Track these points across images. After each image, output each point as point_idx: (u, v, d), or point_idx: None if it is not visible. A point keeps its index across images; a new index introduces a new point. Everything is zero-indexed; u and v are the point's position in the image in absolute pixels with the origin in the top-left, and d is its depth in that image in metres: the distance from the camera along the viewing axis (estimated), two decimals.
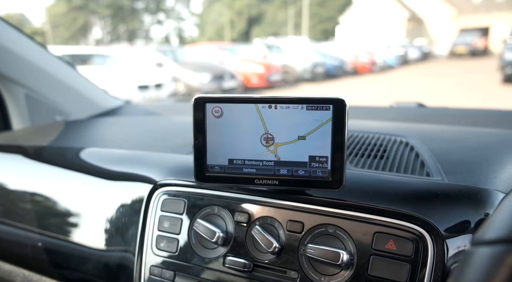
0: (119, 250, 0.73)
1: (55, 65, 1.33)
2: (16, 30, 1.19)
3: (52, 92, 1.30)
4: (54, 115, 1.32)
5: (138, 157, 0.82)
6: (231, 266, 0.59)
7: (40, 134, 1.11)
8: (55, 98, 1.31)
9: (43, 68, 1.27)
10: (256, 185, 0.58)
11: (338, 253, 0.53)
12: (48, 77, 1.28)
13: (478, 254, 0.28)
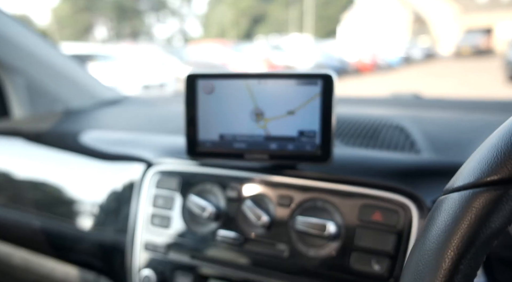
0: (113, 228, 0.74)
1: (56, 56, 1.35)
2: (16, 21, 1.21)
3: (53, 81, 1.32)
4: (55, 104, 1.34)
5: (133, 138, 0.84)
6: (223, 240, 0.60)
7: (40, 121, 1.13)
8: (56, 87, 1.33)
9: (44, 58, 1.29)
10: (246, 159, 0.59)
11: (325, 225, 0.54)
12: (48, 66, 1.30)
13: (446, 201, 0.29)
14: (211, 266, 0.62)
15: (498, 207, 0.27)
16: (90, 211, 0.79)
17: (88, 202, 0.79)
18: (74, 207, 0.82)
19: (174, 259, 0.64)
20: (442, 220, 0.29)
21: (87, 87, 1.44)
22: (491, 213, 0.27)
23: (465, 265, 0.27)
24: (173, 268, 0.64)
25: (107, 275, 0.76)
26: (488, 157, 0.28)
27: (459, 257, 0.27)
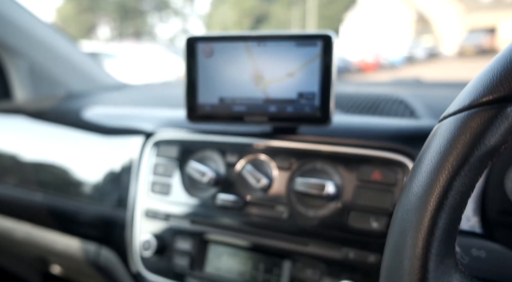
0: (114, 199, 0.74)
1: (58, 41, 1.36)
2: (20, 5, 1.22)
3: (55, 65, 1.33)
4: (56, 88, 1.35)
5: (133, 113, 0.84)
6: (222, 204, 0.61)
7: (42, 102, 1.14)
8: (58, 71, 1.34)
9: (46, 41, 1.30)
10: (246, 122, 0.59)
11: (324, 185, 0.54)
12: (51, 50, 1.31)
13: (442, 126, 0.30)
14: (211, 230, 0.62)
15: (493, 125, 0.27)
16: (91, 184, 0.79)
17: (90, 175, 0.80)
18: (75, 181, 0.82)
19: (174, 224, 0.65)
20: (437, 143, 0.29)
21: (89, 73, 1.45)
22: (486, 131, 0.27)
23: (459, 181, 0.27)
24: (173, 233, 0.64)
25: (108, 245, 0.76)
26: (484, 80, 0.28)
27: (453, 174, 0.27)
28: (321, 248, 0.54)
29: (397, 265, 0.27)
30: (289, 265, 0.56)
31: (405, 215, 0.28)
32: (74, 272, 0.91)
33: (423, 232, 0.27)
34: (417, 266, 0.26)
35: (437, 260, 0.26)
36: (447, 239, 0.27)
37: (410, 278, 0.26)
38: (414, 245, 0.27)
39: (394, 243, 0.28)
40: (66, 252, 0.83)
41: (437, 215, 0.27)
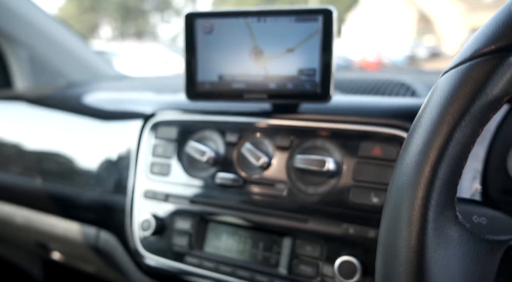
0: (113, 183, 0.74)
1: (59, 30, 1.36)
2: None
3: (56, 55, 1.33)
4: (57, 78, 1.34)
5: (132, 97, 0.84)
6: (221, 183, 0.60)
7: (43, 89, 1.14)
8: (59, 61, 1.34)
9: (47, 31, 1.29)
10: (245, 99, 0.59)
11: (323, 161, 0.53)
12: (52, 40, 1.31)
13: (442, 79, 0.29)
14: (211, 209, 0.61)
15: (495, 75, 0.26)
16: (90, 168, 0.79)
17: (89, 160, 0.80)
18: (74, 166, 0.82)
19: (174, 204, 0.64)
20: (437, 95, 0.28)
21: (90, 63, 1.45)
22: (487, 81, 0.26)
23: (460, 132, 0.26)
24: (173, 213, 0.64)
25: (107, 228, 0.76)
26: (486, 31, 0.28)
27: (454, 125, 0.26)
28: (321, 225, 0.54)
29: (397, 216, 0.27)
30: (289, 243, 0.56)
31: (405, 168, 0.28)
32: (73, 257, 0.91)
33: (423, 183, 0.26)
34: (416, 217, 0.26)
35: (437, 211, 0.26)
36: (447, 191, 0.26)
37: (409, 229, 0.26)
38: (414, 196, 0.26)
39: (394, 196, 0.28)
40: (66, 236, 0.83)
41: (437, 165, 0.26)
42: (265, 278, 0.56)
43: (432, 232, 0.26)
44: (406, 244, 0.25)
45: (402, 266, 0.25)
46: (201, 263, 0.60)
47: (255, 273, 0.56)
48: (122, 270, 0.73)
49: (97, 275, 0.96)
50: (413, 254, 0.25)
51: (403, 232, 0.26)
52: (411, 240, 0.25)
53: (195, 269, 0.60)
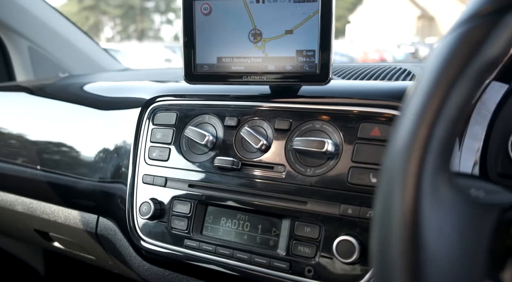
0: (113, 167, 0.74)
1: (61, 23, 1.35)
2: None
3: (56, 48, 1.33)
4: (57, 71, 1.35)
5: (130, 85, 0.84)
6: (220, 166, 0.60)
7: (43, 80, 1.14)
8: (59, 55, 1.34)
9: (47, 23, 1.29)
10: (244, 81, 0.59)
11: (323, 142, 0.53)
12: (52, 33, 1.31)
13: (438, 45, 0.29)
14: (210, 193, 0.61)
15: (492, 35, 0.26)
16: (89, 156, 0.79)
17: (88, 148, 0.80)
18: (73, 154, 0.82)
19: (173, 189, 0.64)
20: (433, 59, 0.28)
21: (93, 57, 1.45)
22: (483, 42, 0.26)
23: (456, 93, 0.26)
24: (172, 197, 0.64)
25: (106, 215, 0.76)
26: None
27: (450, 85, 0.26)
28: (320, 206, 0.53)
29: (392, 177, 0.26)
30: (287, 224, 0.55)
31: (401, 131, 0.27)
32: (74, 246, 0.91)
33: (419, 143, 0.26)
34: (411, 178, 0.25)
35: (432, 172, 0.26)
36: (443, 152, 0.26)
37: (404, 190, 0.25)
38: (409, 157, 0.26)
39: (390, 159, 0.27)
40: (66, 223, 0.83)
41: (434, 126, 0.26)
42: (263, 260, 0.55)
43: (427, 193, 0.25)
44: (401, 205, 0.25)
45: (396, 226, 0.25)
46: (200, 246, 0.60)
47: (254, 255, 0.56)
48: (121, 257, 0.73)
49: (96, 264, 0.96)
50: (408, 214, 0.25)
51: (397, 193, 0.26)
52: (405, 201, 0.25)
53: (194, 252, 0.60)
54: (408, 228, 0.25)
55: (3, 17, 1.18)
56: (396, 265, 0.25)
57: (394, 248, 0.25)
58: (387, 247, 0.25)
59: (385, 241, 0.26)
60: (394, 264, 0.25)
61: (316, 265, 0.52)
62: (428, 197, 0.26)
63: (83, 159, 0.80)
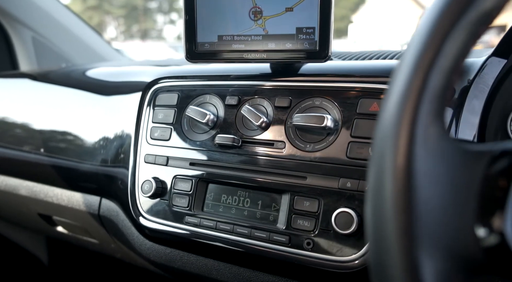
0: (115, 149, 0.75)
1: (65, 14, 1.37)
2: None
3: (59, 39, 1.34)
4: (61, 62, 1.36)
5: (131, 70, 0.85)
6: (221, 143, 0.61)
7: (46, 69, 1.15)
8: (63, 46, 1.35)
9: (51, 14, 1.31)
10: (245, 59, 0.59)
11: (322, 117, 0.54)
12: (56, 24, 1.32)
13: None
14: (210, 170, 0.62)
15: None
16: (92, 139, 0.80)
17: (91, 131, 0.81)
18: (76, 138, 0.83)
19: (174, 167, 0.65)
20: (428, 13, 0.28)
21: (95, 49, 1.46)
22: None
23: (450, 44, 0.26)
24: (173, 176, 0.64)
25: (108, 196, 0.77)
26: None
27: (444, 36, 0.26)
28: (319, 180, 0.54)
29: (387, 128, 0.27)
30: (287, 199, 0.56)
31: (396, 82, 0.28)
32: (77, 229, 0.92)
33: (413, 93, 0.26)
34: (405, 127, 0.26)
35: (426, 122, 0.26)
36: (437, 103, 0.27)
37: (398, 139, 0.26)
38: (404, 106, 0.26)
39: (385, 111, 0.28)
40: (69, 206, 0.84)
41: (427, 76, 0.26)
42: (263, 234, 0.56)
43: (420, 141, 0.26)
44: (394, 152, 0.26)
45: (390, 173, 0.26)
46: (201, 222, 0.61)
47: (254, 230, 0.57)
48: (124, 237, 0.74)
49: (99, 249, 0.97)
50: (401, 161, 0.25)
51: (391, 141, 0.26)
52: (399, 148, 0.26)
53: (194, 228, 0.61)
54: (401, 175, 0.25)
55: (7, 7, 1.19)
56: (389, 210, 0.25)
57: (387, 193, 0.25)
58: (381, 192, 0.26)
59: (379, 187, 0.26)
60: (386, 209, 0.25)
61: (315, 238, 0.52)
62: (421, 145, 0.26)
63: (86, 142, 0.81)
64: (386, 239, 0.25)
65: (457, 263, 0.25)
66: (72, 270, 1.40)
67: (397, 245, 0.24)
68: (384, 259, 0.25)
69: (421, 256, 0.24)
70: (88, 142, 0.81)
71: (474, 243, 0.25)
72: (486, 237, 0.25)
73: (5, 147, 0.93)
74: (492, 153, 0.27)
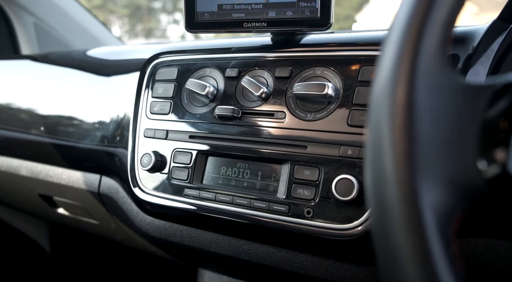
0: (115, 123, 0.74)
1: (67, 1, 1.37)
2: None
3: (62, 25, 1.34)
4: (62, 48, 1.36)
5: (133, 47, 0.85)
6: (220, 114, 0.60)
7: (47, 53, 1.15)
8: (64, 32, 1.35)
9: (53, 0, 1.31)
10: (245, 28, 0.59)
11: (323, 85, 0.53)
12: (58, 10, 1.32)
13: None
14: (210, 142, 0.61)
15: None
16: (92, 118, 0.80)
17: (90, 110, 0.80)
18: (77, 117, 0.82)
19: (173, 141, 0.64)
20: None
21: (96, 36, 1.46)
22: None
23: None
24: (173, 149, 0.64)
25: (109, 174, 0.76)
26: None
27: None
28: (320, 149, 0.53)
29: (389, 65, 0.26)
30: (287, 169, 0.55)
31: (398, 17, 0.27)
32: (77, 210, 0.91)
33: (414, 26, 0.25)
34: (407, 61, 0.25)
35: (428, 55, 0.25)
36: (440, 36, 0.26)
37: (399, 71, 0.25)
38: (405, 40, 0.26)
39: (386, 50, 0.27)
40: (69, 185, 0.83)
41: (429, 11, 0.25)
42: (263, 204, 0.55)
43: (422, 74, 0.25)
44: (396, 85, 0.25)
45: (391, 105, 0.25)
46: (200, 194, 0.60)
47: (253, 200, 0.56)
48: (124, 215, 0.74)
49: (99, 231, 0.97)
50: (402, 94, 0.24)
51: (393, 72, 0.25)
52: (401, 80, 0.25)
53: (194, 200, 0.60)
54: (402, 106, 0.25)
55: None
56: (388, 141, 0.24)
57: (386, 124, 0.25)
58: (381, 124, 0.25)
59: (379, 118, 0.25)
60: (386, 139, 0.24)
61: (315, 206, 0.52)
62: (422, 77, 0.25)
63: (86, 120, 0.81)
64: (385, 169, 0.24)
65: (456, 195, 0.24)
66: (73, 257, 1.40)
67: (396, 174, 0.23)
68: (382, 191, 0.24)
69: (420, 187, 0.23)
70: (88, 120, 0.80)
71: (476, 174, 0.24)
72: (488, 169, 0.24)
73: (5, 128, 0.93)
74: (495, 87, 0.26)
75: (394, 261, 0.23)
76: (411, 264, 0.22)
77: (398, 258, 0.22)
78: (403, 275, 0.22)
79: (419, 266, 0.21)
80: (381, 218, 0.24)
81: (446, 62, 0.27)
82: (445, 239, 0.22)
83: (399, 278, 0.23)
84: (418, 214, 0.22)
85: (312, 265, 0.55)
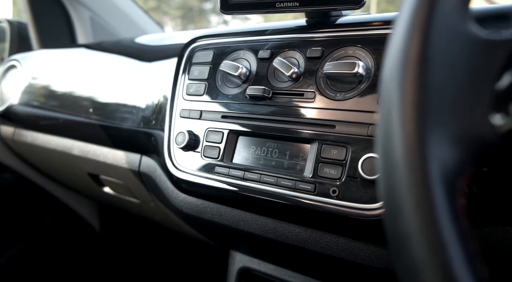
0: (155, 105, 0.78)
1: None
2: None
3: (115, 20, 1.43)
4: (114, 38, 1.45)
5: (173, 34, 0.89)
6: (251, 94, 0.61)
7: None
8: (117, 27, 1.44)
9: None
10: (278, 8, 0.59)
11: (354, 63, 0.52)
12: (113, 6, 1.42)
13: None
14: (241, 122, 0.63)
15: None
16: (135, 101, 0.84)
17: (134, 93, 0.85)
18: (122, 101, 0.88)
19: (207, 121, 0.67)
20: None
21: (145, 29, 1.54)
22: None
23: None
24: (206, 129, 0.66)
25: (148, 153, 0.81)
26: None
27: None
28: (348, 128, 0.52)
29: (403, 23, 0.25)
30: (315, 148, 0.55)
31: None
32: (121, 188, 0.97)
33: None
34: (421, 17, 0.24)
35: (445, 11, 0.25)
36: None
37: (415, 22, 0.24)
38: None
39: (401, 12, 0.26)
40: (114, 164, 0.89)
41: None
42: (289, 183, 0.56)
43: (438, 24, 0.24)
44: (411, 33, 0.24)
45: (405, 60, 0.24)
46: (230, 172, 0.62)
47: (280, 179, 0.56)
48: (161, 193, 0.78)
49: (140, 212, 1.03)
50: (417, 42, 0.24)
51: (408, 33, 0.25)
52: (416, 29, 0.24)
53: (223, 178, 0.62)
54: (415, 55, 0.24)
55: None
56: (399, 93, 0.24)
57: (399, 72, 0.24)
58: (393, 76, 0.25)
59: (392, 72, 0.25)
60: (397, 92, 0.24)
61: (341, 186, 0.51)
62: (439, 29, 0.24)
63: (130, 103, 0.86)
64: (393, 120, 0.23)
65: (466, 149, 0.23)
66: (119, 237, 1.50)
67: (404, 125, 0.23)
68: (389, 142, 0.23)
69: (428, 139, 0.22)
70: (130, 103, 0.85)
71: (488, 129, 0.23)
72: (504, 122, 0.23)
73: (61, 111, 1.01)
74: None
75: (400, 213, 0.22)
76: (412, 213, 0.21)
77: (402, 209, 0.22)
78: (405, 224, 0.22)
79: (420, 217, 0.21)
80: (387, 170, 0.23)
81: (466, 13, 0.25)
82: (450, 191, 0.21)
83: (401, 229, 0.22)
84: (423, 165, 0.21)
85: (337, 246, 0.55)
